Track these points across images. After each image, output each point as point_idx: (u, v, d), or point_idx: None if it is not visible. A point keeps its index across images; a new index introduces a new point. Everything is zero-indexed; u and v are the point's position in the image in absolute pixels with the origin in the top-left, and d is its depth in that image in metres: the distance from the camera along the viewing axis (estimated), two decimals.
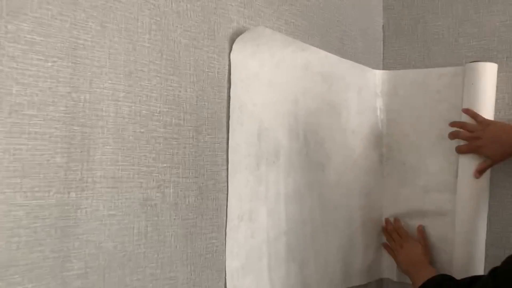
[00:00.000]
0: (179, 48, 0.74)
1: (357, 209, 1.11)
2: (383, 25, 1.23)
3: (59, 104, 0.60)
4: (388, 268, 1.17)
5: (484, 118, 0.99)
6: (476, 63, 1.03)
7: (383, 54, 1.22)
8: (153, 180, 0.69)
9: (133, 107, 0.67)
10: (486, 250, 1.03)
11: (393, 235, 1.13)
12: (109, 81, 0.65)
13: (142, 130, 0.68)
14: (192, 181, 0.75)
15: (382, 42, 1.23)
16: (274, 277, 0.88)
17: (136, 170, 0.68)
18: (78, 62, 0.62)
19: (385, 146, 1.19)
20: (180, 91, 0.74)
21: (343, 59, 1.08)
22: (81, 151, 0.62)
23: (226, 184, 0.80)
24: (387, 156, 1.19)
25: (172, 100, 0.72)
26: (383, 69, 1.21)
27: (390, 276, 1.17)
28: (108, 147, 0.64)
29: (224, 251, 0.79)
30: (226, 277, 0.79)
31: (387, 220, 1.16)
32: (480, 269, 1.01)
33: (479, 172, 0.99)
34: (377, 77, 1.19)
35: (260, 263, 0.85)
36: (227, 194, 0.80)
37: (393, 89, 1.18)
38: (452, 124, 1.03)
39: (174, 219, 0.72)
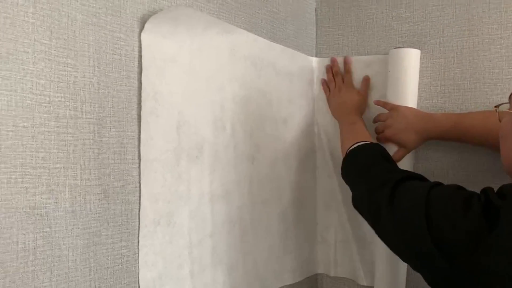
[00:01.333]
0: (74, 26, 0.62)
1: (290, 203, 1.05)
2: (316, 8, 1.17)
3: None
4: (324, 263, 1.12)
5: (393, 105, 0.96)
6: (398, 49, 0.99)
7: (316, 39, 1.16)
8: (43, 184, 0.58)
9: (13, 97, 0.55)
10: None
11: (337, 78, 1.07)
12: None
13: (26, 124, 0.56)
14: (94, 183, 0.64)
15: (315, 26, 1.16)
16: (198, 285, 0.79)
17: (20, 173, 0.56)
18: None
19: (316, 136, 1.13)
20: (76, 77, 0.62)
21: (274, 44, 1.00)
22: None
23: (138, 185, 0.70)
24: (318, 147, 1.13)
25: (65, 87, 0.61)
26: (316, 55, 1.15)
27: (326, 271, 1.13)
28: None
29: (136, 261, 0.69)
30: None
31: (333, 60, 1.09)
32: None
33: (395, 161, 0.96)
34: (309, 63, 1.13)
35: (181, 271, 0.76)
36: (139, 196, 0.70)
37: (323, 77, 1.12)
38: (373, 121, 1.00)
39: (72, 229, 0.61)
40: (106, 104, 0.66)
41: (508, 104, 0.70)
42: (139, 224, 0.69)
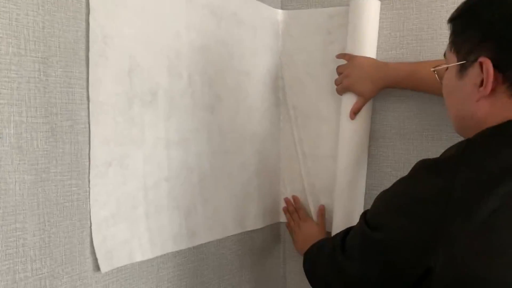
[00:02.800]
0: None
1: (251, 155, 1.07)
2: None
3: None
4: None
5: (351, 55, 0.97)
6: (359, 0, 0.99)
7: None
8: None
9: None
10: (365, 202, 1.04)
11: (293, 216, 1.12)
12: None
13: None
14: (41, 121, 0.65)
15: None
16: (153, 226, 0.82)
17: None
18: None
19: (281, 90, 1.15)
20: (18, 14, 0.62)
21: None
22: None
23: (87, 126, 0.71)
24: (282, 100, 1.15)
25: (7, 24, 0.61)
26: (282, 7, 1.15)
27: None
28: None
29: (88, 199, 0.71)
30: (92, 227, 0.72)
31: (287, 201, 1.14)
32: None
33: (354, 112, 0.98)
34: (274, 16, 1.13)
35: (136, 211, 0.79)
36: (89, 136, 0.71)
37: (287, 29, 1.13)
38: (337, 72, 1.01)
39: (18, 164, 0.63)
40: (51, 43, 0.66)
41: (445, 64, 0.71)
42: (89, 164, 0.71)
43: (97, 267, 0.73)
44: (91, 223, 0.72)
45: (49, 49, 0.66)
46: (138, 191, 0.79)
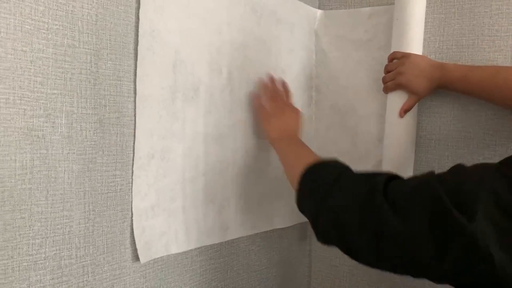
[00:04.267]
0: None
1: None
2: None
3: None
4: None
5: (404, 53, 0.96)
6: None
7: None
8: (40, 108, 0.61)
9: (12, 20, 0.57)
10: None
11: (278, 97, 0.95)
12: None
13: (24, 49, 0.59)
14: (90, 112, 0.66)
15: None
16: (190, 219, 0.83)
17: (18, 94, 0.58)
18: None
19: (314, 89, 1.15)
20: (74, 7, 0.63)
21: None
22: None
23: (133, 118, 0.72)
24: (316, 99, 1.15)
25: (63, 16, 0.62)
26: (319, 7, 1.15)
27: None
28: None
29: (130, 190, 0.73)
30: (133, 218, 0.73)
31: (272, 78, 0.96)
32: None
33: (405, 111, 0.96)
34: (312, 15, 1.13)
35: (174, 203, 0.80)
36: (135, 129, 0.72)
37: (325, 29, 1.13)
38: (384, 71, 1.00)
39: (68, 153, 0.64)
40: (103, 36, 0.67)
41: None
42: (133, 155, 0.72)
43: (135, 257, 0.74)
44: (132, 214, 0.73)
45: (100, 42, 0.67)
46: (176, 184, 0.80)
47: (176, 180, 0.80)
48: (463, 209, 0.53)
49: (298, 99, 1.11)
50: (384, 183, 0.60)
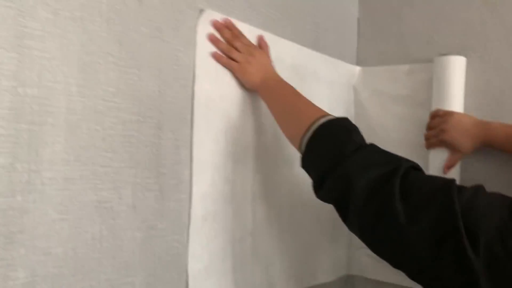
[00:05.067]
0: (140, 39, 0.68)
1: (325, 206, 1.09)
2: (358, 18, 1.20)
3: (2, 99, 0.54)
4: (356, 263, 1.16)
5: (446, 111, 0.98)
6: (444, 56, 1.02)
7: (357, 48, 1.20)
8: (110, 181, 0.65)
9: (87, 103, 0.62)
10: None
11: (237, 44, 0.81)
12: (61, 74, 0.59)
13: (97, 128, 0.63)
14: (152, 181, 0.71)
15: (356, 35, 1.20)
16: (239, 278, 0.85)
17: (91, 170, 0.63)
18: (25, 53, 0.56)
19: None
20: (141, 85, 0.69)
21: (316, 53, 1.05)
22: (28, 151, 0.56)
23: (189, 184, 0.76)
24: None
25: (131, 95, 0.67)
26: (357, 63, 1.19)
27: (359, 272, 1.17)
28: (58, 146, 0.59)
29: (186, 253, 0.76)
30: (189, 280, 0.76)
31: (228, 22, 0.81)
32: None
33: (448, 167, 0.98)
34: (350, 72, 1.17)
35: (224, 264, 0.82)
36: (191, 194, 0.76)
37: (363, 84, 1.16)
38: (427, 128, 1.02)
39: (132, 222, 0.68)
40: (164, 110, 0.72)
41: None
42: (189, 219, 0.76)
43: None
44: (187, 276, 0.76)
45: (162, 115, 0.72)
46: (227, 245, 0.83)
47: (226, 241, 0.83)
48: (471, 228, 0.50)
49: None
50: (404, 171, 0.57)
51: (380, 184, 0.57)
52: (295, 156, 0.99)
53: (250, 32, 0.87)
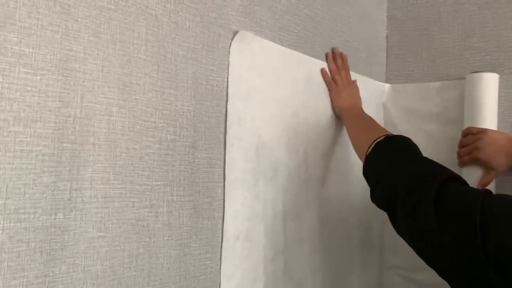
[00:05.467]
0: (176, 60, 0.70)
1: (356, 225, 1.08)
2: (386, 36, 1.20)
3: (47, 120, 0.56)
4: (386, 286, 1.14)
5: (480, 128, 0.96)
6: (477, 73, 1.00)
7: (386, 65, 1.19)
8: (146, 199, 0.66)
9: (126, 123, 0.64)
10: None
11: (342, 72, 1.01)
12: (102, 95, 0.61)
13: (135, 147, 0.65)
14: (187, 199, 0.71)
15: (385, 53, 1.20)
16: None
17: (129, 188, 0.64)
18: (69, 75, 0.58)
19: None
20: (176, 105, 0.70)
21: None
22: (70, 170, 0.58)
23: (222, 202, 0.77)
24: None
25: (168, 115, 0.69)
26: (386, 80, 1.19)
27: None
28: (99, 165, 0.61)
29: (218, 272, 0.76)
30: None
31: (335, 52, 1.01)
32: None
33: (483, 185, 0.95)
34: (379, 89, 1.16)
35: (256, 284, 0.82)
36: (223, 212, 0.76)
37: (393, 102, 1.16)
38: (459, 146, 1.00)
39: (167, 240, 0.69)
40: (199, 129, 0.73)
41: None
42: (222, 238, 0.76)
43: None
44: None
45: (196, 134, 0.73)
46: (259, 264, 0.83)
47: (258, 260, 0.83)
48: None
49: None
50: (445, 179, 0.61)
51: (419, 183, 0.62)
52: (326, 175, 0.99)
53: (281, 53, 0.88)
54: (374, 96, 1.15)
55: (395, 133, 1.13)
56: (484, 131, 0.96)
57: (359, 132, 0.89)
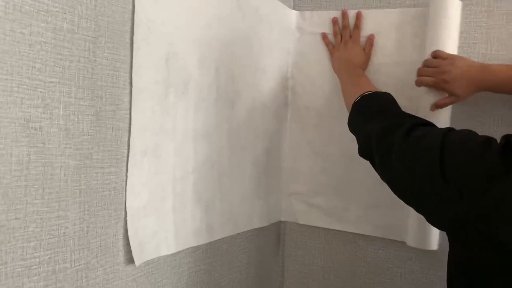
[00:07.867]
0: None
1: (262, 152, 1.07)
2: None
3: None
4: (287, 210, 1.16)
5: (449, 53, 0.93)
6: None
7: None
8: (38, 97, 0.55)
9: (10, 1, 0.51)
10: None
11: (344, 32, 1.07)
12: None
13: (24, 31, 0.53)
14: (87, 103, 0.62)
15: None
16: (179, 219, 0.80)
17: (16, 81, 0.53)
18: None
19: (290, 90, 1.16)
20: None
21: None
22: None
23: (128, 112, 0.68)
24: (291, 100, 1.16)
25: None
26: (294, 8, 1.16)
27: (289, 218, 1.17)
28: None
29: (124, 189, 0.68)
30: (127, 218, 0.69)
31: (344, 13, 1.08)
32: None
33: (437, 106, 0.93)
34: (289, 15, 1.14)
35: (164, 203, 0.76)
36: (130, 123, 0.68)
37: (300, 30, 1.14)
38: (423, 64, 0.96)
39: (65, 147, 0.59)
40: (101, 23, 0.63)
41: None
42: (128, 152, 0.68)
43: (127, 260, 0.70)
44: (126, 214, 0.69)
45: (99, 29, 0.63)
46: (167, 183, 0.77)
47: (167, 178, 0.77)
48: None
49: (275, 99, 1.11)
50: (412, 125, 0.68)
51: (392, 130, 0.69)
52: (236, 99, 0.94)
53: None
54: (284, 22, 1.12)
55: (303, 61, 1.13)
56: (452, 56, 0.92)
57: (345, 95, 0.94)
